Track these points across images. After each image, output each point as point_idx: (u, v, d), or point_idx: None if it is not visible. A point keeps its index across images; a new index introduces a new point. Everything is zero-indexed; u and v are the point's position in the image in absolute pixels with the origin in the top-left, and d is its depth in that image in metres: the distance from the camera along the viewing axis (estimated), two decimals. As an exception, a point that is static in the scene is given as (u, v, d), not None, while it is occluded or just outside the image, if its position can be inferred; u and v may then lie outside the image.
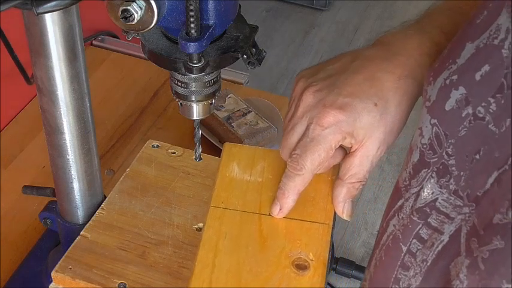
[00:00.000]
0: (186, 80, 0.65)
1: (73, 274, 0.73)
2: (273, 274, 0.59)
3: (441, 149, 0.52)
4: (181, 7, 0.58)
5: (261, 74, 2.31)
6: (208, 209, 0.65)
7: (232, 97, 1.25)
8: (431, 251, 0.53)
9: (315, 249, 0.61)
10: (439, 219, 0.53)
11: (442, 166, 0.52)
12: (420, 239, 0.55)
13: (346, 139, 0.59)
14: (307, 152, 0.59)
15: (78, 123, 0.75)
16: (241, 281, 0.59)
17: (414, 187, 0.55)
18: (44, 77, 0.71)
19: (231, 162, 0.69)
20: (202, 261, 0.60)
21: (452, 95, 0.50)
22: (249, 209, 0.64)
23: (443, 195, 0.52)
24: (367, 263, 0.65)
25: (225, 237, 0.62)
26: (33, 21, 0.67)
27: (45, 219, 0.91)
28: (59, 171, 0.79)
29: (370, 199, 2.04)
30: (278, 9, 2.81)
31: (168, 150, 0.88)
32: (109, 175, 1.14)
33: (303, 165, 0.60)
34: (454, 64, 0.50)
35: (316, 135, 0.59)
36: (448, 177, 0.51)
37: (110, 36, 1.45)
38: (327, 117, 0.58)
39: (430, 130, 0.53)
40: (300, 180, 0.61)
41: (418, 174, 0.55)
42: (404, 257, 0.56)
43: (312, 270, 0.60)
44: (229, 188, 0.66)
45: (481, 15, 0.49)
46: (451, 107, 0.50)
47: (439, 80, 0.52)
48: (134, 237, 0.77)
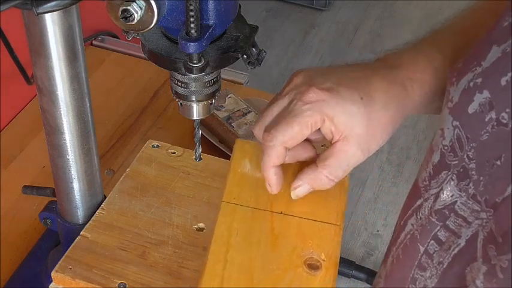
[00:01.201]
0: (186, 80, 0.65)
1: (73, 274, 0.73)
2: (285, 272, 0.59)
3: (462, 152, 0.51)
4: (181, 7, 0.58)
5: (261, 74, 2.31)
6: (219, 204, 0.65)
7: (232, 97, 1.25)
8: (448, 254, 0.53)
9: (327, 250, 0.61)
10: (457, 222, 0.52)
11: (463, 169, 0.51)
12: (438, 240, 0.54)
13: (326, 123, 0.57)
14: (281, 123, 0.58)
15: (78, 123, 0.75)
16: (253, 277, 0.59)
17: (434, 188, 0.55)
18: (44, 77, 0.71)
19: (243, 158, 0.69)
20: (214, 256, 0.60)
21: (476, 98, 0.49)
22: (261, 206, 0.64)
23: (462, 199, 0.52)
24: (382, 259, 0.65)
25: (237, 233, 0.62)
26: (33, 21, 0.67)
27: (45, 219, 0.91)
28: (59, 171, 0.79)
29: (370, 199, 2.05)
30: (278, 9, 2.81)
31: (168, 150, 0.88)
32: (109, 175, 1.14)
33: (274, 135, 0.58)
34: (478, 66, 0.50)
35: (295, 109, 0.57)
36: (468, 181, 0.51)
37: (110, 36, 1.45)
38: (310, 94, 0.57)
39: (452, 132, 0.52)
40: (273, 152, 0.59)
41: (438, 176, 0.54)
42: (421, 257, 0.56)
43: (323, 271, 0.60)
44: (241, 184, 0.66)
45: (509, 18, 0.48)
46: (474, 110, 0.49)
47: (462, 82, 0.51)
48: (134, 237, 0.77)
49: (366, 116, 0.57)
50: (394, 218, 2.00)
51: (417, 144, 2.19)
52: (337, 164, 0.59)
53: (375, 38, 2.68)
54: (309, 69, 0.62)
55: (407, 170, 2.13)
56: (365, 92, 0.58)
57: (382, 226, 1.98)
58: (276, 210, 0.64)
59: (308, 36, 2.68)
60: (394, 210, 1.99)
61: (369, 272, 1.68)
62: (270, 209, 0.64)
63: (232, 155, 0.70)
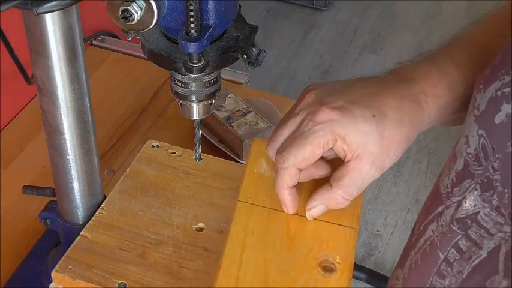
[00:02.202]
0: (186, 80, 0.65)
1: (73, 274, 0.73)
2: (300, 274, 0.59)
3: (487, 162, 0.50)
4: (181, 7, 0.58)
5: (261, 74, 2.31)
6: (235, 203, 0.65)
7: (232, 97, 1.25)
8: (468, 264, 0.53)
9: (342, 253, 0.61)
10: (479, 233, 0.52)
11: (487, 180, 0.51)
12: (459, 249, 0.54)
13: (338, 142, 0.57)
14: (292, 145, 0.58)
15: (78, 123, 0.75)
16: (268, 278, 0.59)
17: (456, 196, 0.54)
18: (44, 77, 0.71)
19: (259, 158, 0.69)
20: (230, 256, 0.60)
21: (503, 108, 0.48)
22: (277, 207, 0.64)
23: (485, 210, 0.51)
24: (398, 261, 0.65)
25: (253, 233, 0.62)
26: (33, 21, 0.67)
27: (45, 219, 0.91)
28: (59, 171, 0.79)
29: (370, 199, 2.05)
30: (278, 9, 2.82)
31: (168, 150, 0.88)
32: (109, 175, 1.14)
33: (286, 157, 0.58)
34: (507, 75, 0.49)
35: (306, 130, 0.58)
36: (492, 192, 0.50)
37: (110, 36, 1.45)
38: (321, 114, 0.57)
39: (477, 141, 0.51)
40: (285, 174, 0.59)
41: (461, 184, 0.54)
42: (441, 264, 0.56)
43: (338, 273, 0.60)
44: (257, 184, 0.66)
45: None
46: (501, 121, 0.48)
47: (489, 90, 0.50)
48: (134, 237, 0.77)
49: (379, 134, 0.57)
50: (394, 218, 2.00)
51: (417, 144, 2.19)
52: (351, 183, 0.59)
53: (375, 38, 2.68)
54: (320, 85, 0.61)
55: (407, 170, 2.13)
56: (377, 109, 0.57)
57: (382, 226, 1.98)
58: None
59: (308, 36, 2.68)
60: (394, 210, 1.99)
61: (369, 272, 1.68)
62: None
63: (249, 155, 0.70)
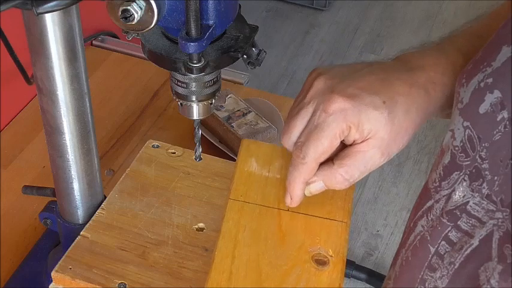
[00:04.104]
0: (186, 80, 0.65)
1: (73, 274, 0.73)
2: (292, 268, 0.60)
3: (474, 152, 0.51)
4: (181, 7, 0.58)
5: (261, 74, 2.31)
6: (227, 201, 0.65)
7: (232, 97, 1.25)
8: (460, 254, 0.53)
9: (334, 246, 0.62)
10: (469, 222, 0.52)
11: (475, 169, 0.51)
12: (449, 241, 0.54)
13: (352, 130, 0.58)
14: (310, 140, 0.58)
15: (78, 123, 0.75)
16: (261, 273, 0.59)
17: (445, 189, 0.55)
18: (44, 77, 0.71)
19: (249, 157, 0.69)
20: (222, 252, 0.60)
21: (486, 98, 0.49)
22: (268, 204, 0.65)
23: (475, 199, 0.51)
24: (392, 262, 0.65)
25: (244, 229, 0.62)
26: (33, 21, 0.67)
27: (45, 219, 0.91)
28: (59, 171, 0.79)
29: (370, 199, 2.05)
30: (278, 9, 2.81)
31: (168, 150, 0.88)
32: (109, 175, 1.14)
33: (306, 153, 0.59)
34: (489, 67, 0.50)
35: (321, 122, 0.58)
36: (481, 181, 0.51)
37: (110, 36, 1.45)
38: (333, 104, 0.57)
39: (463, 133, 0.52)
40: (304, 169, 0.60)
41: (449, 177, 0.54)
42: (431, 258, 0.56)
43: (331, 266, 0.61)
44: (248, 182, 0.67)
45: None
46: (485, 111, 0.49)
47: (472, 83, 0.51)
48: (134, 237, 0.77)
49: (390, 120, 0.57)
50: (394, 218, 2.00)
51: (417, 144, 2.19)
52: (353, 164, 0.59)
53: (375, 38, 2.68)
54: (327, 69, 0.61)
55: (407, 170, 2.13)
56: (387, 96, 0.58)
57: (382, 226, 1.98)
58: (283, 208, 0.65)
59: (308, 36, 2.68)
60: (394, 210, 1.99)
61: (369, 272, 1.68)
62: (277, 206, 0.65)
63: (238, 155, 0.70)
